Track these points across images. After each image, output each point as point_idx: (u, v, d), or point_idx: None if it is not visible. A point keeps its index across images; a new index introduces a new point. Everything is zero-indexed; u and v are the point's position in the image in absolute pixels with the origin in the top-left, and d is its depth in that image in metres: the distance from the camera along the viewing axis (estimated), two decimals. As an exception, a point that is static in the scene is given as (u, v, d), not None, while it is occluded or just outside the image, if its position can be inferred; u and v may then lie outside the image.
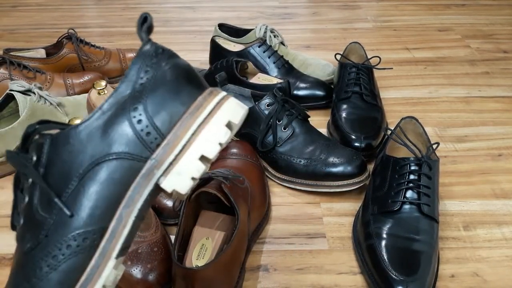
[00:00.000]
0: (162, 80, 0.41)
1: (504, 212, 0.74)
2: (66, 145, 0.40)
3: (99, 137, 0.39)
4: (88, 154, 0.39)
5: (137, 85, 0.40)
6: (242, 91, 0.88)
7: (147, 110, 0.40)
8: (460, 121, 0.97)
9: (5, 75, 0.96)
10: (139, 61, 0.41)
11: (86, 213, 0.38)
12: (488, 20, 1.47)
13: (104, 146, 0.39)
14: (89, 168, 0.39)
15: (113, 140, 0.39)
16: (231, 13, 1.56)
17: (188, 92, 0.41)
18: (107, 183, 0.39)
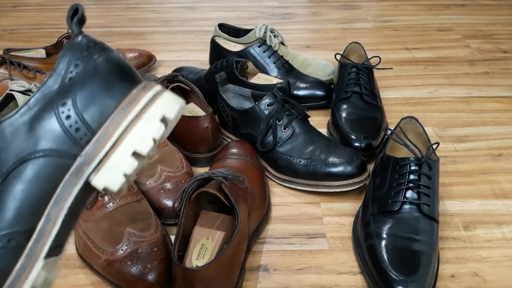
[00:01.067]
0: (92, 74, 0.39)
1: (504, 212, 0.74)
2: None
3: (24, 134, 0.38)
4: (13, 151, 0.37)
5: (66, 80, 0.39)
6: (242, 91, 0.88)
7: (76, 105, 0.38)
8: (460, 121, 0.97)
9: (5, 75, 0.96)
10: (69, 54, 0.40)
11: (11, 214, 0.36)
12: (488, 20, 1.47)
13: (30, 143, 0.37)
14: (13, 166, 0.37)
15: (40, 136, 0.38)
16: (231, 13, 1.56)
17: (120, 86, 0.40)
18: (34, 182, 0.37)
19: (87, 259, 0.63)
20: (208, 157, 0.82)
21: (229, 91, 0.89)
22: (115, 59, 0.41)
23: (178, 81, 0.88)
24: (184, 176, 0.74)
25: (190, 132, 0.81)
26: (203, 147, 0.82)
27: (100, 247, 0.61)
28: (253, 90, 0.87)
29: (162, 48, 1.30)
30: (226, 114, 0.86)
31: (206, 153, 0.82)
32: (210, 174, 0.65)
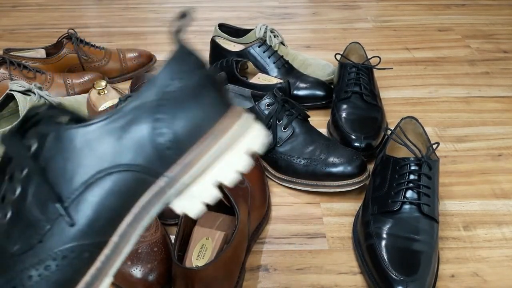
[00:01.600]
0: (192, 92, 0.36)
1: (504, 212, 0.74)
2: (73, 143, 0.35)
3: (112, 142, 0.35)
4: (97, 158, 0.35)
5: (165, 93, 0.36)
6: (242, 91, 0.88)
7: (173, 122, 0.35)
8: (460, 121, 0.97)
9: (5, 75, 0.96)
10: (172, 66, 0.37)
11: (88, 225, 0.35)
12: (488, 20, 1.47)
13: (116, 154, 0.35)
14: (97, 176, 0.35)
15: (127, 148, 0.35)
16: (231, 13, 1.56)
17: (216, 109, 0.37)
18: (114, 195, 0.35)
19: (87, 259, 0.63)
20: (208, 157, 0.82)
21: (229, 91, 0.89)
22: (214, 78, 0.38)
23: (178, 81, 0.88)
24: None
25: (190, 132, 0.81)
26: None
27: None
28: (253, 90, 0.87)
29: (162, 48, 1.30)
30: (226, 114, 0.86)
31: (206, 153, 0.82)
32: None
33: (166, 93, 0.36)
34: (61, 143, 0.35)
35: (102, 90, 0.83)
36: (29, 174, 0.35)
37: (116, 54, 1.12)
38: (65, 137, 0.35)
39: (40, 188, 0.35)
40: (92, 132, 0.35)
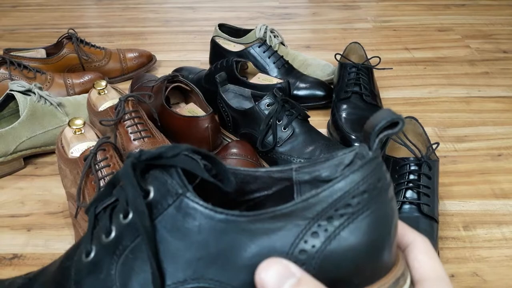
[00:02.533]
0: (374, 220, 0.27)
1: (504, 212, 0.74)
2: (193, 221, 0.26)
3: (247, 241, 0.26)
4: (216, 253, 0.26)
5: (342, 204, 0.27)
6: (242, 91, 0.88)
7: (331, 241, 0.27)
8: (460, 121, 0.97)
9: (5, 75, 0.96)
10: (362, 174, 0.27)
11: None
12: (488, 20, 1.47)
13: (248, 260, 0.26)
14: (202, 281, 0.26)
15: (260, 255, 0.26)
16: (231, 13, 1.56)
17: (385, 261, 0.29)
18: None
19: (87, 259, 0.62)
20: (208, 157, 0.82)
21: (229, 91, 0.89)
22: (395, 213, 0.29)
23: (178, 81, 0.88)
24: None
25: (190, 132, 0.81)
26: (203, 147, 0.82)
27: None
28: (253, 90, 0.87)
29: (162, 48, 1.30)
30: (226, 114, 0.86)
31: (206, 153, 0.82)
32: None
33: (342, 204, 0.27)
34: (179, 216, 0.27)
35: (102, 90, 0.83)
36: (133, 223, 0.28)
37: (116, 54, 1.12)
38: (186, 213, 0.27)
39: (137, 258, 0.27)
40: (217, 223, 0.26)
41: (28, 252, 0.66)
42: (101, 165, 0.65)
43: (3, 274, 0.63)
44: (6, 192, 0.79)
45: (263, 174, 0.31)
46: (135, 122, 0.77)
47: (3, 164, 0.81)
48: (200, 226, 0.26)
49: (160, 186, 0.27)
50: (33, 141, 0.83)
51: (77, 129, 0.72)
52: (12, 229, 0.71)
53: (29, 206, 0.75)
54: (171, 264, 0.26)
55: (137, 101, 0.79)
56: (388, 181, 0.28)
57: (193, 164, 0.28)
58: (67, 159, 0.67)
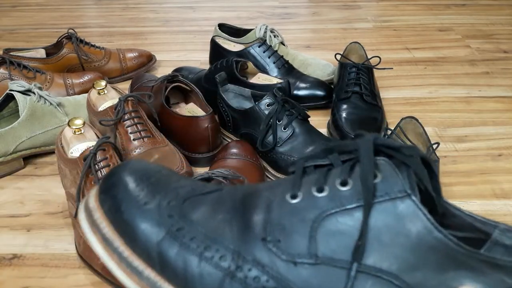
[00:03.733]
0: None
1: (504, 212, 0.74)
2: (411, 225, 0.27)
3: (450, 269, 0.27)
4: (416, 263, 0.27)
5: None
6: (242, 91, 0.88)
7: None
8: (460, 121, 0.97)
9: (5, 75, 0.96)
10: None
11: None
12: (488, 20, 1.47)
13: None
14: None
15: None
16: (231, 13, 1.56)
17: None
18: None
19: (87, 259, 0.62)
20: (208, 157, 0.82)
21: (229, 91, 0.89)
22: None
23: (178, 81, 0.88)
24: (184, 176, 0.74)
25: (190, 132, 0.81)
26: (203, 147, 0.82)
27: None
28: (253, 90, 0.87)
29: (162, 48, 1.30)
30: (226, 114, 0.86)
31: (206, 153, 0.82)
32: (210, 174, 0.65)
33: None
34: (397, 212, 0.27)
35: (102, 90, 0.83)
36: (349, 194, 0.28)
37: (116, 54, 1.12)
38: (405, 213, 0.27)
39: (344, 224, 0.28)
40: (432, 239, 0.27)
41: (28, 252, 0.66)
42: (100, 165, 0.65)
43: (3, 274, 0.63)
44: (6, 192, 0.79)
45: (465, 216, 0.31)
46: (134, 122, 0.77)
47: (2, 164, 0.81)
48: (417, 233, 0.27)
49: (390, 176, 0.28)
50: (33, 141, 0.82)
51: (77, 129, 0.72)
52: (12, 229, 0.71)
53: (29, 206, 0.75)
54: (374, 247, 0.27)
55: (137, 101, 0.79)
56: None
57: (424, 172, 0.29)
58: (67, 159, 0.67)
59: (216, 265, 0.28)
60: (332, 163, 0.30)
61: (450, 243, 0.27)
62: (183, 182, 0.34)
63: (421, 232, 0.27)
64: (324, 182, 0.29)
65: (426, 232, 0.27)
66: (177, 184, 0.33)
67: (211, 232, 0.29)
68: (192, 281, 0.28)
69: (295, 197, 0.29)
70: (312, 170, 0.31)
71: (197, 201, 0.31)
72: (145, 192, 0.31)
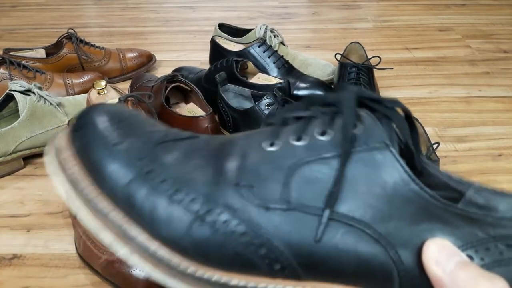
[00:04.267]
0: None
1: (504, 212, 0.74)
2: (388, 176, 0.28)
3: (424, 220, 0.28)
4: (389, 214, 0.28)
5: (505, 243, 0.28)
6: (242, 91, 0.88)
7: None
8: (460, 121, 0.97)
9: (5, 75, 0.96)
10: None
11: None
12: (488, 20, 1.47)
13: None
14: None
15: None
16: (231, 13, 1.56)
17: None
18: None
19: (87, 259, 0.62)
20: (208, 157, 0.82)
21: (229, 91, 0.89)
22: None
23: (178, 81, 0.88)
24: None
25: (190, 132, 0.81)
26: (203, 147, 0.82)
27: (100, 247, 0.61)
28: (253, 90, 0.87)
29: (162, 48, 1.30)
30: (226, 114, 0.86)
31: (206, 153, 0.82)
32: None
33: (508, 245, 0.28)
34: (375, 163, 0.28)
35: (102, 90, 0.83)
36: (327, 143, 0.29)
37: (116, 54, 1.12)
38: (384, 164, 0.28)
39: (319, 172, 0.28)
40: (409, 191, 0.28)
41: (28, 252, 0.66)
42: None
43: (3, 274, 0.63)
44: (6, 192, 0.78)
45: (441, 175, 0.32)
46: (135, 122, 0.77)
47: (2, 164, 0.81)
48: (394, 184, 0.27)
49: (370, 127, 0.28)
50: (33, 141, 0.82)
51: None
52: (12, 229, 0.71)
53: (29, 206, 0.75)
54: (349, 196, 0.28)
55: (136, 101, 0.79)
56: None
57: (405, 125, 0.29)
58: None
59: (186, 208, 0.28)
60: (313, 114, 0.30)
61: (425, 195, 0.27)
62: (158, 127, 0.33)
63: (397, 183, 0.27)
64: (303, 132, 0.30)
65: (403, 184, 0.27)
66: (152, 129, 0.32)
67: (183, 175, 0.29)
68: (159, 224, 0.28)
69: (273, 145, 0.30)
70: (293, 121, 0.31)
71: (170, 146, 0.31)
72: (117, 133, 0.30)
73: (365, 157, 0.28)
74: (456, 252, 0.27)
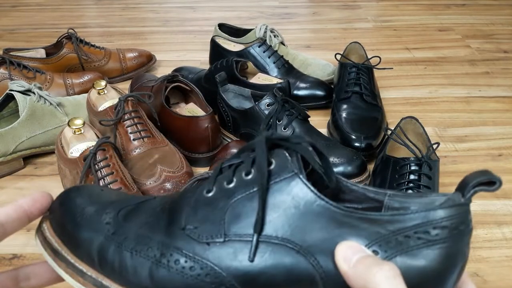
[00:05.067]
0: (446, 255, 0.32)
1: (504, 212, 0.74)
2: (299, 206, 0.34)
3: (333, 228, 0.33)
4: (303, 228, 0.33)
5: (423, 230, 0.32)
6: (242, 91, 0.88)
7: None
8: (460, 121, 0.97)
9: (5, 75, 0.96)
10: (449, 212, 0.32)
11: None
12: (488, 20, 1.47)
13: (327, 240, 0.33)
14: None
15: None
16: (231, 13, 1.56)
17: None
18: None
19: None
20: (208, 157, 0.82)
21: (229, 91, 0.89)
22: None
23: (178, 81, 0.88)
24: (184, 176, 0.74)
25: (190, 132, 0.81)
26: (203, 147, 0.82)
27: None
28: (253, 90, 0.87)
29: (162, 48, 1.30)
30: (226, 114, 0.86)
31: (206, 153, 0.82)
32: (210, 174, 0.65)
33: (420, 231, 0.32)
34: (288, 189, 0.34)
35: (102, 90, 0.83)
36: (252, 180, 0.35)
37: (116, 54, 1.12)
38: (295, 189, 0.34)
39: (246, 206, 0.34)
40: (317, 207, 0.33)
41: (28, 252, 0.66)
42: (100, 165, 0.65)
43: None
44: (6, 192, 0.78)
45: (360, 189, 0.37)
46: (134, 122, 0.77)
47: (2, 164, 0.81)
48: (304, 203, 0.33)
49: (281, 162, 0.34)
50: (33, 141, 0.82)
51: (77, 129, 0.72)
52: (12, 229, 0.71)
53: (29, 206, 0.75)
54: (272, 220, 0.33)
55: (136, 101, 0.79)
56: (469, 229, 0.32)
57: (310, 154, 0.35)
58: (67, 159, 0.67)
59: (145, 256, 0.34)
60: (242, 160, 0.37)
61: (331, 207, 0.33)
62: (121, 196, 0.41)
63: (307, 202, 0.33)
64: (233, 176, 0.36)
65: (311, 202, 0.33)
66: (115, 198, 0.39)
67: (142, 230, 0.36)
68: (127, 273, 0.34)
69: (210, 191, 0.36)
70: (227, 169, 0.37)
71: (131, 209, 0.38)
72: (87, 207, 0.38)
73: (280, 187, 0.34)
74: (361, 249, 0.32)
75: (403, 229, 0.32)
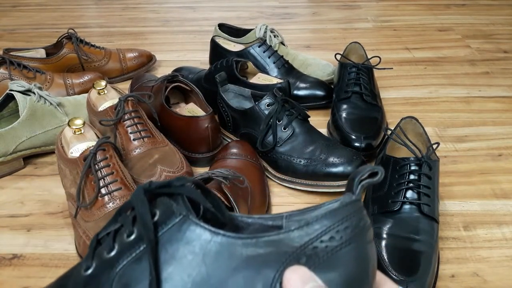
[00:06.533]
0: (355, 256, 0.30)
1: (504, 212, 0.74)
2: (190, 244, 0.30)
3: (226, 269, 0.29)
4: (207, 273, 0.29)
5: (328, 236, 0.30)
6: (242, 91, 0.88)
7: None
8: (460, 121, 0.97)
9: (5, 75, 0.96)
10: (346, 212, 0.30)
11: None
12: (488, 20, 1.47)
13: (223, 283, 0.29)
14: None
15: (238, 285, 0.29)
16: (231, 13, 1.56)
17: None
18: None
19: (87, 259, 0.63)
20: (208, 157, 0.82)
21: (229, 91, 0.89)
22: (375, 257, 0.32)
23: (178, 81, 0.88)
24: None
25: (190, 132, 0.81)
26: (203, 147, 0.82)
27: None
28: (253, 90, 0.87)
29: (162, 48, 1.30)
30: (226, 114, 0.86)
31: (206, 153, 0.82)
32: (210, 174, 0.65)
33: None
34: (180, 235, 0.30)
35: (102, 90, 0.83)
36: (136, 239, 0.31)
37: (116, 54, 1.12)
38: (187, 233, 0.30)
39: (135, 269, 0.30)
40: (214, 244, 0.30)
41: (28, 252, 0.66)
42: (100, 165, 0.65)
43: (3, 274, 0.63)
44: (6, 192, 0.79)
45: (256, 221, 0.34)
46: (134, 122, 0.77)
47: (2, 164, 0.81)
48: (200, 245, 0.29)
49: (166, 209, 0.31)
50: (33, 141, 0.82)
51: (77, 129, 0.72)
52: (12, 229, 0.71)
53: (29, 206, 0.75)
54: (168, 276, 0.29)
55: (137, 101, 0.79)
56: (368, 223, 0.31)
57: (197, 193, 0.32)
58: (67, 159, 0.67)
59: None
60: (120, 223, 0.32)
61: (229, 239, 0.29)
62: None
63: (202, 243, 0.29)
64: (114, 242, 0.32)
65: (207, 241, 0.29)
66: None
67: None
68: None
69: (88, 268, 0.32)
70: (105, 238, 0.32)
71: None
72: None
73: (170, 236, 0.30)
74: (311, 278, 0.29)
75: (309, 241, 0.30)
